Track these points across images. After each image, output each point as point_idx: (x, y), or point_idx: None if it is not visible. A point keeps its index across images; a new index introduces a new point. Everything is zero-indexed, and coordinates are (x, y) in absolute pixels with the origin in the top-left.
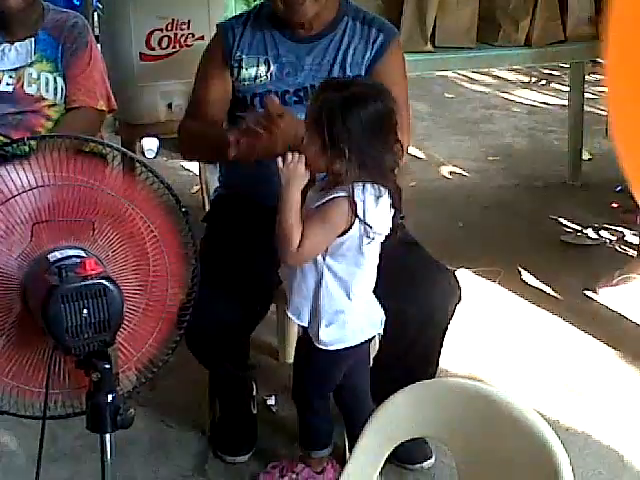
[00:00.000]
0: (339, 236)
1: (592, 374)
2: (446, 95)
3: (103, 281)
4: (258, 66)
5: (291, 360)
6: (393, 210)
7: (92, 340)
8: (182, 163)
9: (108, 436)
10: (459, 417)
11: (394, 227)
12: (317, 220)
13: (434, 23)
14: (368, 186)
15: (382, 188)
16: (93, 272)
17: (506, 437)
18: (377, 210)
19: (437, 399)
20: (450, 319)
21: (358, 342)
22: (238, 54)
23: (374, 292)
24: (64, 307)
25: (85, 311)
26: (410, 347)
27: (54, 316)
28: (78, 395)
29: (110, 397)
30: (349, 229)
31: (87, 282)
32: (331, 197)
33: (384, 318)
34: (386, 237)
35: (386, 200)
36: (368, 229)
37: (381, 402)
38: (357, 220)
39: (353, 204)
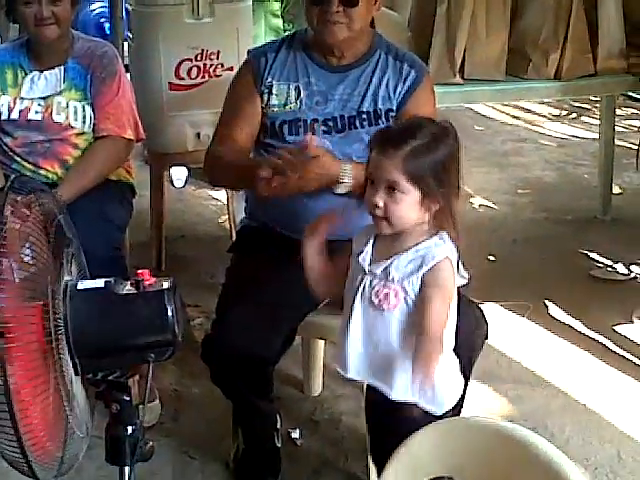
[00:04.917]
0: None
1: (620, 410)
2: (476, 127)
3: (172, 283)
4: (288, 93)
5: (316, 393)
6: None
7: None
8: (211, 192)
9: (127, 468)
10: (485, 456)
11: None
12: (437, 297)
13: (463, 55)
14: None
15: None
16: (155, 279)
17: (532, 478)
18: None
19: (462, 437)
20: (476, 355)
21: None
22: (269, 80)
23: None
24: (173, 308)
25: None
26: None
27: (172, 317)
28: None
29: (130, 429)
30: None
31: (169, 286)
32: (434, 263)
33: None
34: None
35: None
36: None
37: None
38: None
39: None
